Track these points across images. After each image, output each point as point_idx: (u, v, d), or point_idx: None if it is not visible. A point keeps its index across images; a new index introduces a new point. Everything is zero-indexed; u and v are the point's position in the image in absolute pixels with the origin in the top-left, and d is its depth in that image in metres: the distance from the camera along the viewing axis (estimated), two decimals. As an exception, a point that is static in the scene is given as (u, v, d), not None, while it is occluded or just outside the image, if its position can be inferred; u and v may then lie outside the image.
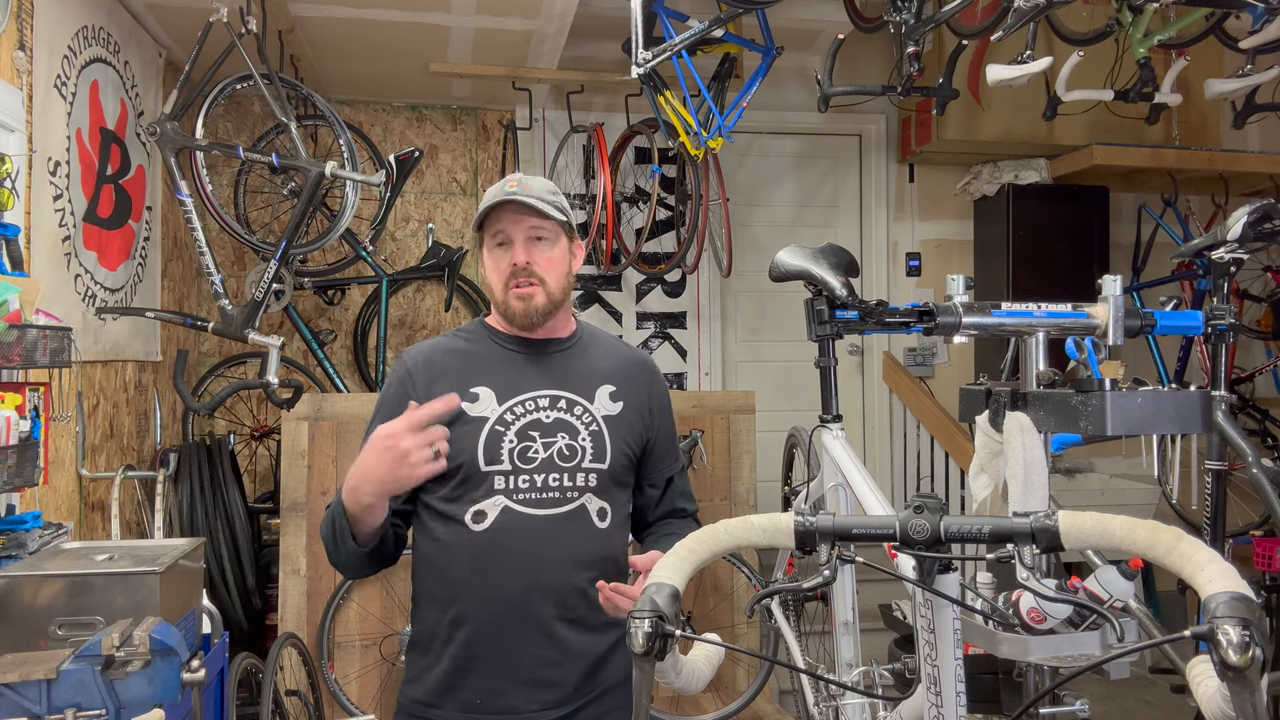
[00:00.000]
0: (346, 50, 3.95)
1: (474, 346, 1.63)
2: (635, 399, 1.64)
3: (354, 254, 4.25)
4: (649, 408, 1.67)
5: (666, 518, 1.72)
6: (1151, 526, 0.94)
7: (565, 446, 1.55)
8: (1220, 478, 2.53)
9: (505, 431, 1.53)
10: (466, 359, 1.61)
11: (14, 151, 2.48)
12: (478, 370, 1.58)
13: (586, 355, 1.66)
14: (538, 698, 1.51)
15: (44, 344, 2.24)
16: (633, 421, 1.63)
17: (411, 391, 1.56)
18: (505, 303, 1.58)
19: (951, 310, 1.50)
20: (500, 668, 1.50)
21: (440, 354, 1.62)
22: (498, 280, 1.59)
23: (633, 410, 1.63)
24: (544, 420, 1.55)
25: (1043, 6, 2.83)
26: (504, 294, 1.58)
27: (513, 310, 1.58)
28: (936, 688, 1.11)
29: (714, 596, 3.66)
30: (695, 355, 5.00)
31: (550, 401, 1.57)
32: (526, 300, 1.57)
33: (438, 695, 1.53)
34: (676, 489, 1.73)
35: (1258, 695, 0.80)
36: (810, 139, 5.19)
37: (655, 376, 1.72)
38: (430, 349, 1.63)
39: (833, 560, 1.04)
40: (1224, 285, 2.39)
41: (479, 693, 1.51)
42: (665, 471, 1.71)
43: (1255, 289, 5.04)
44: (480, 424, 1.53)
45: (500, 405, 1.55)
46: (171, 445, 3.75)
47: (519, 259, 1.56)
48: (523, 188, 1.56)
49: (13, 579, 1.85)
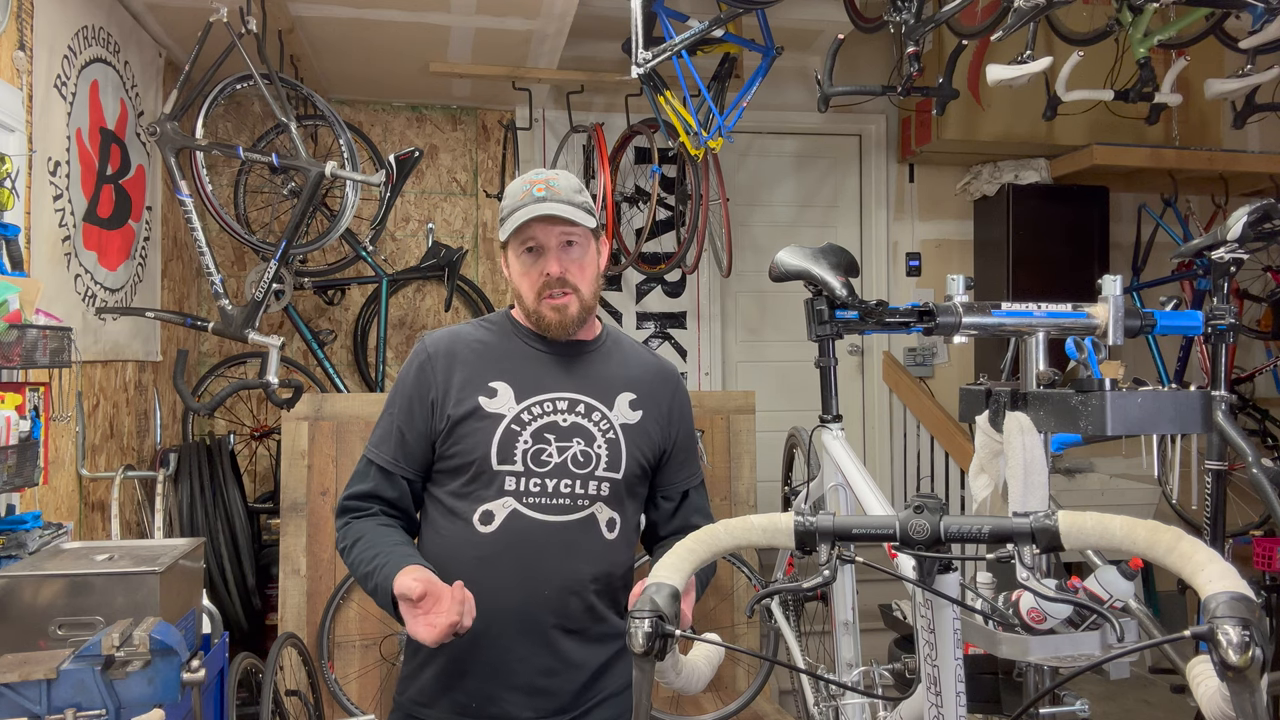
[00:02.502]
0: (346, 50, 3.95)
1: (497, 339, 1.59)
2: (655, 408, 1.61)
3: (354, 254, 4.25)
4: (669, 418, 1.63)
5: (679, 532, 1.65)
6: (1151, 526, 0.94)
7: (580, 452, 1.51)
8: (1220, 478, 2.53)
9: (521, 431, 1.50)
10: (488, 350, 1.57)
11: (14, 151, 2.48)
12: (498, 364, 1.55)
13: (610, 360, 1.62)
14: (533, 705, 1.49)
15: (44, 344, 2.24)
16: (651, 431, 1.59)
17: (431, 376, 1.54)
18: (538, 312, 1.54)
19: (951, 310, 1.50)
20: (495, 673, 1.48)
21: (462, 342, 1.58)
22: (529, 288, 1.54)
23: (652, 420, 1.60)
24: (561, 424, 1.52)
25: (1043, 6, 2.83)
26: (537, 303, 1.54)
27: (547, 321, 1.54)
28: (936, 688, 1.11)
29: (714, 596, 3.66)
30: (695, 355, 5.00)
31: (569, 405, 1.54)
32: (561, 311, 1.53)
33: (432, 696, 1.52)
34: (693, 505, 1.69)
35: (1258, 695, 0.80)
36: (810, 139, 5.19)
37: (678, 387, 1.68)
38: (453, 336, 1.60)
39: (833, 560, 1.04)
40: (1224, 285, 2.39)
41: (473, 696, 1.49)
42: (681, 485, 1.67)
43: (1255, 289, 5.04)
44: (496, 421, 1.50)
45: (518, 404, 1.52)
46: (171, 445, 3.75)
47: (553, 269, 1.51)
48: (552, 191, 1.51)
49: (13, 579, 1.85)
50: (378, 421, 1.59)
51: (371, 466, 1.57)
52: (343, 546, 1.54)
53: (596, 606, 1.53)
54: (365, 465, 1.58)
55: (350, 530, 1.54)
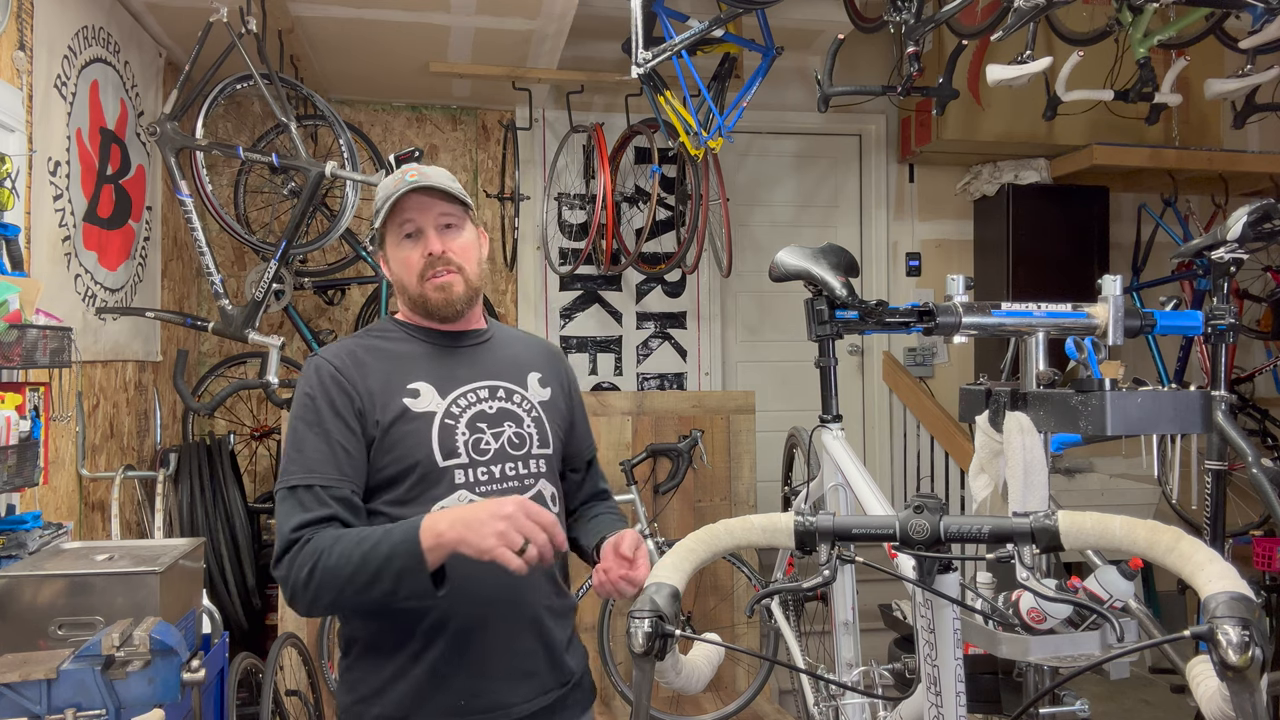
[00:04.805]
0: (346, 50, 3.95)
1: (394, 344, 1.55)
2: (557, 383, 1.65)
3: (354, 254, 4.24)
4: (568, 391, 1.68)
5: (590, 500, 1.71)
6: (1151, 526, 0.94)
7: (514, 434, 1.52)
8: (1220, 478, 2.53)
9: (455, 424, 1.48)
10: (391, 355, 1.53)
11: (14, 151, 2.48)
12: (409, 366, 1.52)
13: (508, 346, 1.64)
14: (519, 690, 1.48)
15: (44, 344, 2.24)
16: (560, 406, 1.64)
17: (349, 387, 1.44)
18: (422, 294, 1.51)
19: (951, 310, 1.50)
20: (482, 665, 1.46)
21: (361, 351, 1.52)
22: (410, 273, 1.51)
23: (559, 395, 1.64)
24: (488, 410, 1.52)
25: (1043, 6, 2.83)
26: (419, 285, 1.51)
27: (432, 301, 1.51)
28: (936, 688, 1.11)
29: (714, 596, 3.66)
30: (695, 355, 5.00)
31: (490, 392, 1.54)
32: (446, 289, 1.51)
33: (411, 706, 1.44)
34: (596, 471, 1.74)
35: (1257, 695, 0.80)
36: (810, 139, 5.19)
37: (564, 359, 1.74)
38: (349, 347, 1.53)
39: (833, 560, 1.04)
40: (1224, 285, 2.39)
41: (460, 694, 1.45)
42: (585, 454, 1.71)
43: (1255, 289, 5.04)
44: (428, 419, 1.47)
45: (444, 399, 1.50)
46: (171, 445, 3.75)
47: (434, 248, 1.50)
48: (424, 175, 1.51)
49: (13, 579, 1.85)
50: (293, 451, 1.42)
51: (313, 492, 1.38)
52: (309, 567, 1.31)
53: (558, 580, 1.57)
54: (306, 495, 1.38)
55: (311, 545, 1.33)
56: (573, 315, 4.88)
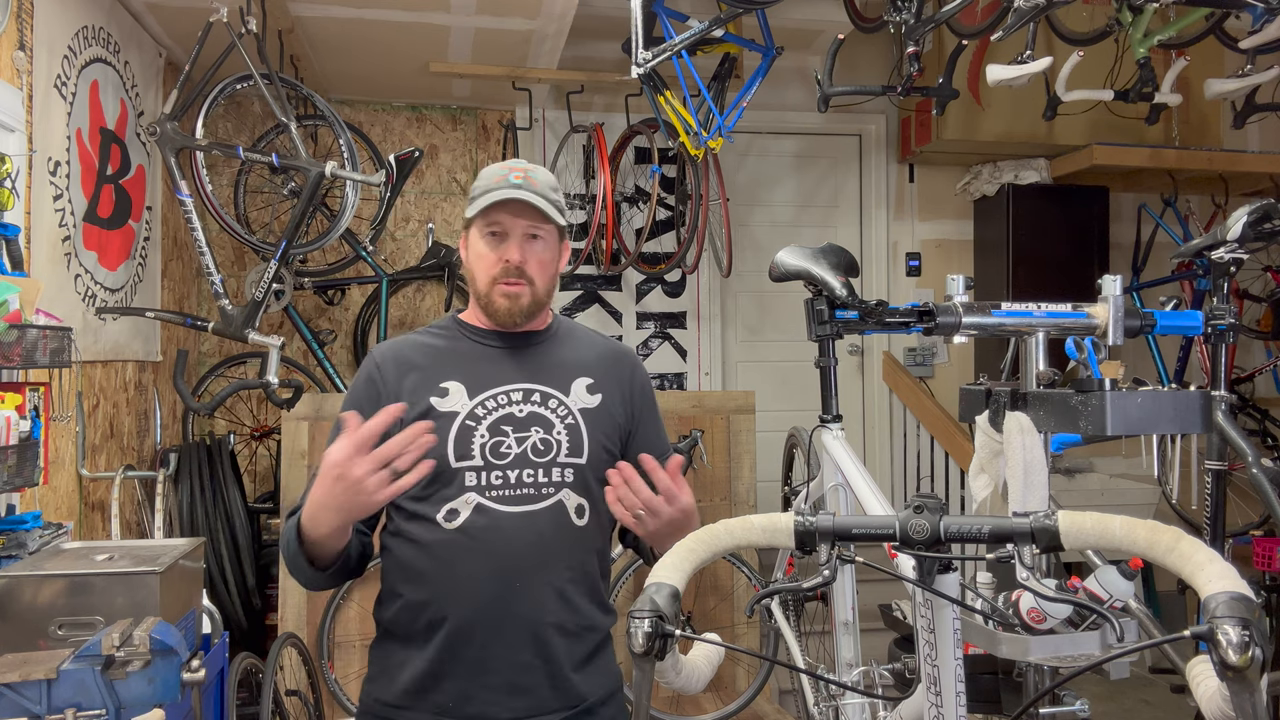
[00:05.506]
0: (346, 50, 3.95)
1: (446, 342, 1.58)
2: (614, 391, 1.59)
3: (354, 254, 4.25)
4: (631, 398, 1.62)
5: None
6: (1151, 526, 0.94)
7: (540, 441, 1.50)
8: (1220, 478, 2.53)
9: (476, 426, 1.48)
10: (438, 354, 1.56)
11: (14, 151, 2.48)
12: (449, 365, 1.54)
13: (562, 347, 1.61)
14: (509, 704, 1.45)
15: (44, 344, 2.24)
16: (614, 414, 1.58)
17: (381, 387, 1.52)
18: (489, 296, 1.53)
19: (951, 310, 1.50)
20: (475, 671, 1.46)
21: (411, 348, 1.57)
22: (484, 272, 1.53)
23: (613, 402, 1.58)
24: (517, 414, 1.50)
25: (1043, 6, 2.83)
26: (489, 287, 1.52)
27: (496, 306, 1.53)
28: (936, 688, 1.11)
29: (714, 596, 3.66)
30: (695, 355, 5.00)
31: (523, 395, 1.52)
32: (513, 299, 1.52)
33: (409, 697, 1.48)
34: None
35: (1257, 695, 0.80)
36: (810, 139, 5.19)
37: (636, 367, 1.67)
38: (400, 344, 1.58)
39: (833, 560, 1.04)
40: (1224, 285, 2.39)
41: (450, 696, 1.46)
42: None
43: (1255, 289, 5.04)
44: (450, 419, 1.48)
45: (471, 400, 1.50)
46: (171, 445, 3.75)
47: (513, 256, 1.50)
48: (529, 182, 1.50)
49: (13, 579, 1.85)
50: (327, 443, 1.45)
51: None
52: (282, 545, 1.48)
53: (571, 596, 1.50)
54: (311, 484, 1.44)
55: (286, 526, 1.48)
56: (573, 315, 4.87)
